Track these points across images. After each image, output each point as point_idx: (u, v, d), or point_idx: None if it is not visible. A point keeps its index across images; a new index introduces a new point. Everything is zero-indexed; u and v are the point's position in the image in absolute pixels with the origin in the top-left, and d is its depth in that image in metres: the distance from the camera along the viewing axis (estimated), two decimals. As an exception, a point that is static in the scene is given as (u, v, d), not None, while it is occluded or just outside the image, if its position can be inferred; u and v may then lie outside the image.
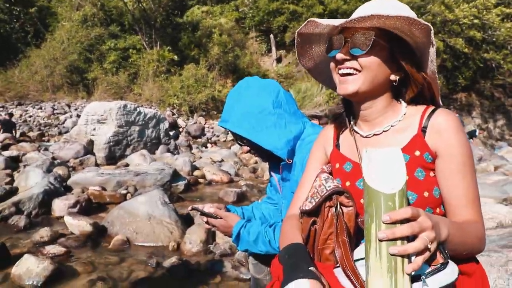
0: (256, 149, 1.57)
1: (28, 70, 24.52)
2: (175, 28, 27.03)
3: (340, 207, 1.01)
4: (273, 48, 28.37)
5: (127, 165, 6.97)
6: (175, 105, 21.61)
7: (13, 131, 11.61)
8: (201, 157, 8.69)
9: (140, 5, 25.44)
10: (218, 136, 16.59)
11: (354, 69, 1.00)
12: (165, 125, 9.27)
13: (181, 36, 26.32)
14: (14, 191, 4.73)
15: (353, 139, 1.14)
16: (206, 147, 12.28)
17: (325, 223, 1.03)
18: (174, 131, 12.74)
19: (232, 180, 6.44)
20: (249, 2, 30.06)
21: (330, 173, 1.16)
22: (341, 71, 1.02)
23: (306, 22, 1.06)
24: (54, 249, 3.13)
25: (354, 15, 0.96)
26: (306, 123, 1.58)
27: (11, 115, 13.61)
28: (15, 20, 27.08)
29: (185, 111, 21.29)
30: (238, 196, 5.14)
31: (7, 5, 26.54)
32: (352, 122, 1.16)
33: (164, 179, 5.35)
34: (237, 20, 30.18)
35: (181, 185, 5.54)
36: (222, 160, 8.30)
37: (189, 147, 11.20)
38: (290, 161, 1.48)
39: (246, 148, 1.58)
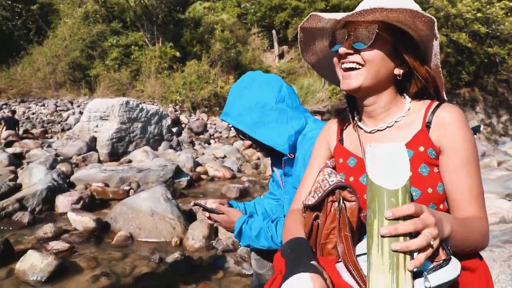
0: (258, 144, 1.57)
1: (31, 67, 24.58)
2: (177, 24, 26.99)
3: (343, 202, 1.01)
4: (275, 44, 28.29)
5: (130, 161, 6.98)
6: (177, 101, 21.62)
7: (16, 128, 11.67)
8: (203, 153, 8.70)
9: (142, 1, 25.40)
10: (220, 132, 16.61)
11: (357, 63, 0.99)
12: (167, 122, 9.27)
13: (183, 33, 26.29)
14: (18, 188, 4.75)
15: (356, 135, 1.13)
16: (209, 143, 12.28)
17: (327, 217, 1.03)
18: (176, 128, 12.75)
19: (234, 176, 6.45)
20: (251, -2, 29.96)
21: (334, 168, 1.16)
22: (344, 66, 1.02)
23: (308, 16, 1.05)
24: (58, 245, 3.14)
25: (357, 9, 0.95)
26: (308, 118, 1.57)
27: (14, 112, 13.67)
28: (17, 17, 27.09)
29: (188, 107, 21.30)
30: (240, 192, 5.14)
31: (9, 2, 26.54)
32: (356, 118, 1.15)
33: (167, 175, 5.36)
34: (239, 16, 30.08)
35: (183, 181, 5.55)
36: (225, 156, 8.30)
37: (192, 143, 11.22)
38: (291, 156, 1.48)
39: (247, 142, 1.58)
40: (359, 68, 1.00)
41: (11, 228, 3.61)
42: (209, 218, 1.63)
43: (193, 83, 21.92)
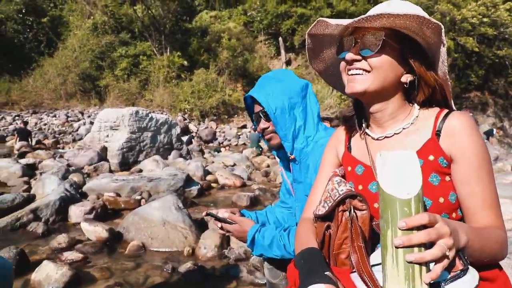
0: (271, 132, 1.60)
1: (42, 79, 25.02)
2: (184, 33, 27.28)
3: (354, 211, 1.00)
4: (282, 51, 28.39)
5: (140, 171, 7.03)
6: (186, 110, 21.78)
7: (29, 139, 11.85)
8: (213, 162, 8.72)
9: (149, 11, 25.76)
10: (229, 140, 16.66)
11: (364, 70, 0.99)
12: (177, 130, 9.33)
13: (190, 42, 26.56)
14: (31, 199, 4.81)
15: (364, 142, 1.13)
16: (219, 151, 12.32)
17: (339, 227, 1.02)
18: (187, 136, 12.81)
19: (244, 184, 6.45)
20: (257, 6, 30.16)
21: (343, 176, 1.15)
22: (350, 72, 1.01)
23: (315, 22, 1.06)
24: (72, 255, 3.18)
25: (364, 15, 0.95)
26: (320, 125, 1.60)
27: (26, 123, 13.88)
28: (28, 30, 27.68)
29: (196, 116, 21.44)
30: (251, 200, 5.14)
31: (20, 15, 27.13)
32: (363, 125, 1.14)
33: (177, 184, 5.39)
34: (246, 24, 30.30)
35: (194, 190, 5.57)
36: (235, 164, 8.31)
37: (201, 151, 11.25)
38: (292, 157, 1.53)
39: (262, 126, 1.60)
40: (365, 74, 1.00)
41: (26, 239, 3.65)
42: (221, 228, 1.64)
43: (201, 91, 22.09)
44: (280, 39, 28.22)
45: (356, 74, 1.00)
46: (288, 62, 28.77)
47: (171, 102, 22.59)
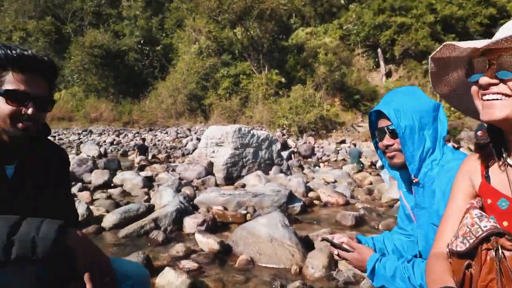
0: (394, 150, 1.50)
1: (156, 100, 28.30)
2: (281, 51, 28.15)
3: (502, 251, 0.90)
4: (382, 63, 27.28)
5: (244, 185, 7.32)
6: (284, 125, 22.23)
7: (146, 154, 13.34)
8: (313, 178, 8.66)
9: (248, 33, 27.25)
10: (328, 155, 16.43)
11: (503, 94, 0.88)
12: (277, 146, 9.54)
13: (287, 59, 27.28)
14: (151, 208, 5.35)
15: (506, 173, 1.00)
16: (319, 166, 12.22)
17: (482, 267, 0.92)
18: (286, 152, 12.99)
19: (348, 202, 6.23)
20: (353, 19, 29.68)
21: (481, 208, 1.04)
22: (486, 97, 0.91)
23: (441, 46, 0.98)
24: (189, 264, 3.42)
25: (501, 35, 0.85)
26: (445, 147, 1.47)
27: (144, 140, 15.66)
28: (145, 58, 31.68)
29: (295, 131, 21.72)
30: (356, 219, 4.93)
31: (139, 46, 31.23)
32: (504, 154, 1.01)
33: (281, 201, 5.46)
34: (342, 37, 30.01)
35: (297, 206, 5.57)
36: (335, 181, 8.13)
37: (301, 167, 11.29)
38: (416, 180, 1.43)
39: (386, 142, 1.51)
40: (504, 99, 0.88)
41: (148, 245, 4.05)
42: (338, 255, 1.59)
43: (299, 107, 22.37)
44: (379, 50, 27.19)
45: (493, 99, 0.89)
46: (388, 74, 27.50)
47: (269, 118, 23.33)
